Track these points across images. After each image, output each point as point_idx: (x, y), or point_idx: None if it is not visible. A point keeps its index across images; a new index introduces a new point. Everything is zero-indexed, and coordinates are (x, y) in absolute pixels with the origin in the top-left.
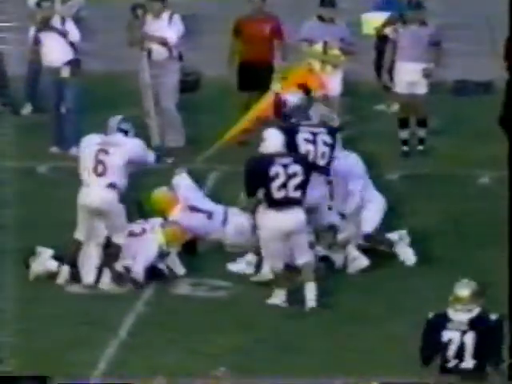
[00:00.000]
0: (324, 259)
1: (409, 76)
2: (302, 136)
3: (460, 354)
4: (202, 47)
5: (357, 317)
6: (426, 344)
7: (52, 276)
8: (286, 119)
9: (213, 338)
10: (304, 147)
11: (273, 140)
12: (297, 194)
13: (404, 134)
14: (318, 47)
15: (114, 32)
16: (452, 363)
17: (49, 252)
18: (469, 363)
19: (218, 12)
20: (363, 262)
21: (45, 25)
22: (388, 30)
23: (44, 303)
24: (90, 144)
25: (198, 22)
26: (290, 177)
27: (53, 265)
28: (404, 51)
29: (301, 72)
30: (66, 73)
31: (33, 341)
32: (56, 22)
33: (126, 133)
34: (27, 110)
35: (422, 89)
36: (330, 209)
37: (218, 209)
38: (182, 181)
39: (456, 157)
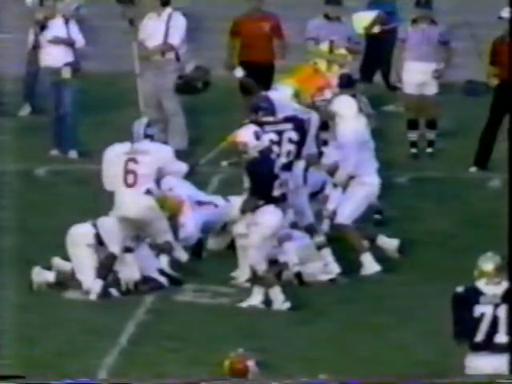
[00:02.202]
0: (297, 275)
1: (418, 76)
2: (268, 137)
3: (493, 328)
4: (204, 47)
5: (364, 324)
6: (459, 320)
7: (51, 285)
8: (253, 113)
9: (215, 347)
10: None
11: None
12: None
13: (413, 136)
14: (324, 46)
15: (113, 31)
16: (485, 338)
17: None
18: (502, 337)
19: (218, 12)
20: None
21: (45, 25)
22: (376, 29)
23: (43, 310)
24: (116, 154)
25: (199, 22)
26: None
27: (50, 276)
28: (413, 50)
29: (307, 72)
30: (67, 74)
31: (32, 348)
32: (59, 22)
33: (151, 137)
34: (26, 111)
35: (431, 89)
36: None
37: (215, 197)
38: (177, 181)
39: (466, 159)
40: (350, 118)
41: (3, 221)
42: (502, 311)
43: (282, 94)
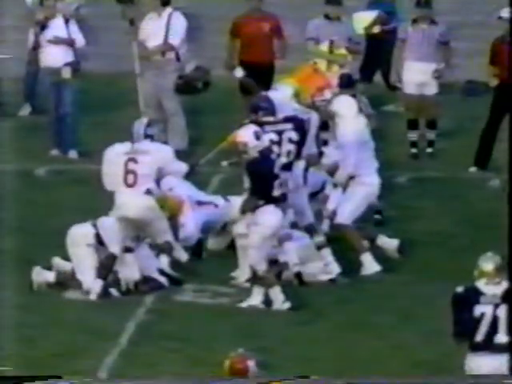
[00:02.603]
0: (297, 275)
1: (418, 76)
2: (268, 137)
3: (493, 329)
4: (204, 47)
5: (364, 324)
6: (459, 320)
7: (51, 285)
8: (253, 113)
9: (215, 346)
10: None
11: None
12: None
13: (413, 136)
14: (324, 46)
15: (113, 31)
16: (485, 338)
17: (56, 261)
18: (502, 337)
19: (218, 12)
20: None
21: (45, 25)
22: (376, 29)
23: (43, 310)
24: (116, 154)
25: (199, 22)
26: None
27: (50, 276)
28: (413, 50)
29: (307, 72)
30: (67, 74)
31: (32, 348)
32: (59, 22)
33: (151, 138)
34: (26, 111)
35: (431, 89)
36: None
37: (215, 197)
38: (177, 181)
39: (466, 159)
40: (349, 117)
41: (3, 221)
42: (502, 311)
43: (282, 94)
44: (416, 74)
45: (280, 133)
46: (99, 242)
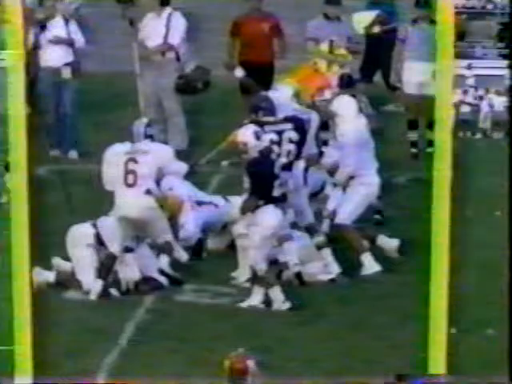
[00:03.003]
0: (297, 275)
1: (418, 76)
2: (268, 137)
3: None
4: (204, 47)
5: (364, 324)
6: None
7: (51, 285)
8: (253, 113)
9: (216, 347)
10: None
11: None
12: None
13: (413, 136)
14: (324, 46)
15: (113, 31)
16: None
17: (56, 260)
18: None
19: (218, 12)
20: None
21: (45, 25)
22: (376, 29)
23: (43, 310)
24: (116, 154)
25: (199, 22)
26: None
27: (50, 276)
28: (413, 50)
29: (307, 72)
30: (67, 74)
31: (32, 348)
32: (59, 22)
33: (151, 137)
34: (25, 111)
35: (431, 89)
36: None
37: (215, 197)
38: (177, 181)
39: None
40: (350, 117)
41: None
42: None
43: (282, 93)
44: (416, 74)
45: (280, 133)
46: (99, 242)
